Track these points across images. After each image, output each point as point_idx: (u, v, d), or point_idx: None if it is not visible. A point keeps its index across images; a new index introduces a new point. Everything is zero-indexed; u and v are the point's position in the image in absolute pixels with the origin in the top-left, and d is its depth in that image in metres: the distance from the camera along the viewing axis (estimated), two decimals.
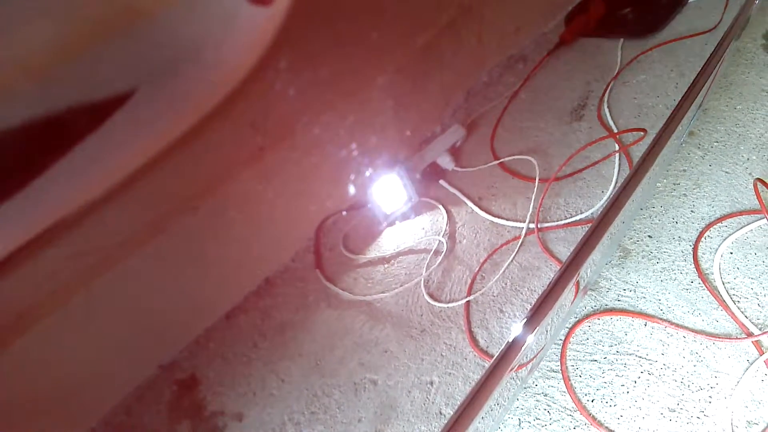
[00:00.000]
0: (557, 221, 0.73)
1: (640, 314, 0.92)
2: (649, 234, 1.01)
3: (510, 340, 0.55)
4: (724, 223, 1.04)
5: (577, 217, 0.74)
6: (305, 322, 0.43)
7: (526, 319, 0.59)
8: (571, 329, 0.92)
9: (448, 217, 0.68)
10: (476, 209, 0.74)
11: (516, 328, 0.56)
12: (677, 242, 1.01)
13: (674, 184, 1.09)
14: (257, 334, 0.40)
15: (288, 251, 0.40)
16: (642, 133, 0.78)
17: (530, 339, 0.52)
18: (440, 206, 0.71)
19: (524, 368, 0.68)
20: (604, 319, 0.94)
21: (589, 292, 0.95)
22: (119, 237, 0.33)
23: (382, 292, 0.51)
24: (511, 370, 0.53)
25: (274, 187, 0.40)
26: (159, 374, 0.35)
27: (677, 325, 0.93)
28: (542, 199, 0.72)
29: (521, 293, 0.66)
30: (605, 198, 0.76)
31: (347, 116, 0.42)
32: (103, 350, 0.34)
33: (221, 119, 0.35)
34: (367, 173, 0.45)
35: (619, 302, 0.94)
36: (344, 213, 0.45)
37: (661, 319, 0.91)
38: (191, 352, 0.36)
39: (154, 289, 0.35)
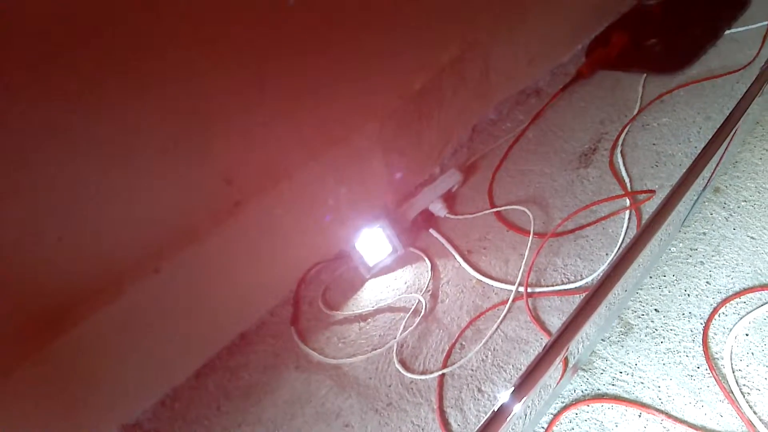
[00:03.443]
0: (551, 286, 0.89)
1: (636, 403, 1.12)
2: (656, 307, 1.21)
3: (485, 421, 0.69)
4: (743, 298, 1.25)
5: (577, 284, 0.91)
6: (271, 384, 0.56)
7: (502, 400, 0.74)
8: (556, 416, 1.09)
9: (432, 271, 0.82)
10: (464, 264, 0.89)
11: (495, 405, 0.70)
12: (687, 319, 1.21)
13: (691, 249, 1.30)
14: (222, 395, 0.52)
15: (267, 304, 0.52)
16: (651, 193, 0.97)
17: (516, 410, 0.66)
18: (426, 259, 0.85)
19: None
20: (594, 407, 1.12)
21: (580, 372, 1.13)
22: (73, 299, 0.44)
23: (353, 356, 0.64)
24: None
25: (250, 241, 0.52)
26: None
27: (675, 419, 1.12)
28: (534, 258, 0.89)
29: (504, 371, 0.81)
30: (609, 263, 0.94)
31: (333, 165, 0.56)
32: (58, 413, 0.45)
33: None
34: (353, 224, 0.59)
35: (614, 387, 1.13)
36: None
37: (658, 410, 1.10)
38: (155, 413, 0.48)
39: (117, 350, 0.47)
